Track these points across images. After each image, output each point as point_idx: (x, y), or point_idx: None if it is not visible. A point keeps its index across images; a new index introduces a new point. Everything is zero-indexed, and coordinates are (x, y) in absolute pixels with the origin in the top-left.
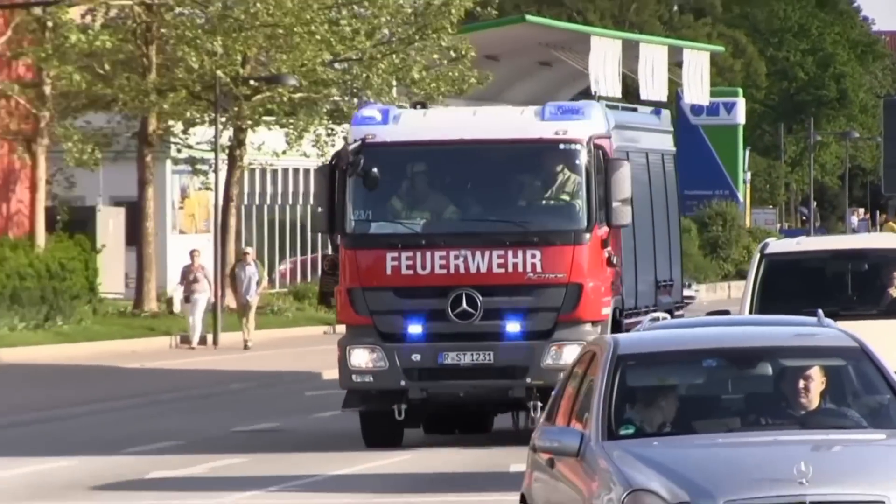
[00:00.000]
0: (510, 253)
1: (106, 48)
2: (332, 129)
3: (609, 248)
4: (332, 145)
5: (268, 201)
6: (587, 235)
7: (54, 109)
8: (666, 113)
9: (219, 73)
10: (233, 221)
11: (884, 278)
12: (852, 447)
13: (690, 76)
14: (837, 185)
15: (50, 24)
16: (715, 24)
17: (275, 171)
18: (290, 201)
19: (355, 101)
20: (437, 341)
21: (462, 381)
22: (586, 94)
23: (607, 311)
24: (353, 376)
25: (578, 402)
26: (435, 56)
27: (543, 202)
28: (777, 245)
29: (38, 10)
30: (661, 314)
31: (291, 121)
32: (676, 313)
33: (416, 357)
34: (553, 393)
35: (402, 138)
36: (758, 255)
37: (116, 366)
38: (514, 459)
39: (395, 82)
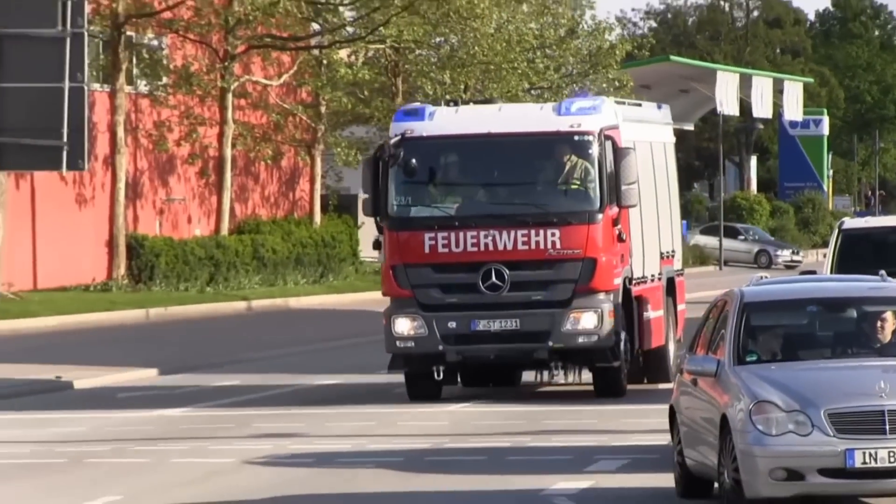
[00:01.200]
0: (533, 232)
1: (365, 79)
2: None
3: (619, 227)
4: None
5: None
6: (600, 215)
7: (327, 124)
8: (666, 108)
9: (446, 97)
10: None
11: None
12: None
13: (788, 100)
14: (895, 178)
15: (325, 62)
16: (807, 62)
17: None
18: None
19: None
20: (470, 310)
21: (492, 344)
22: (713, 113)
23: (618, 281)
24: (397, 342)
25: (713, 338)
26: (604, 85)
27: (561, 187)
28: (851, 222)
29: (316, 52)
30: (763, 274)
31: None
32: (677, 279)
33: (452, 324)
34: (695, 331)
35: (437, 132)
36: (836, 230)
37: (372, 310)
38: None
39: None
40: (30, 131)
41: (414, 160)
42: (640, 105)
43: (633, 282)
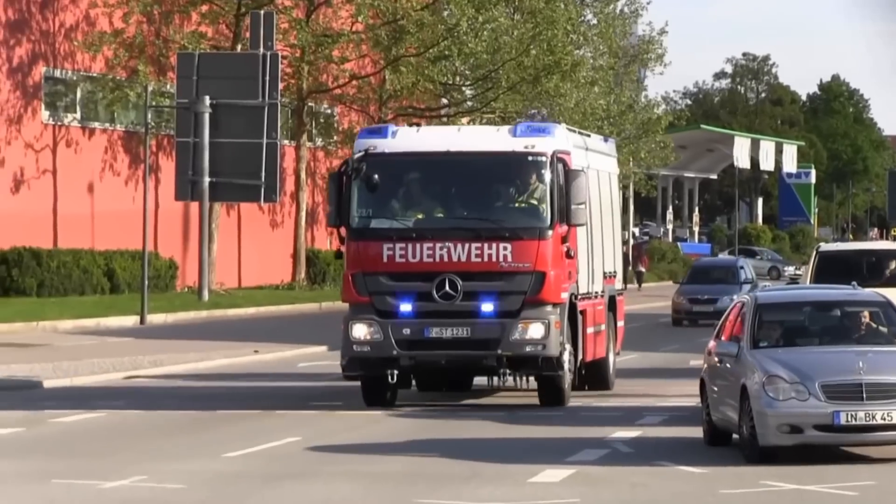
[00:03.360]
0: (486, 245)
1: None
2: None
3: (567, 244)
4: None
5: None
6: (550, 232)
7: None
8: (612, 141)
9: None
10: None
11: (883, 265)
12: (885, 354)
13: (786, 158)
14: (864, 215)
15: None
16: (800, 131)
17: None
18: None
19: None
20: (423, 318)
21: (444, 350)
22: (731, 167)
23: (565, 295)
24: (354, 346)
25: (734, 328)
26: (652, 145)
27: (514, 204)
28: (825, 246)
29: (444, 119)
30: (765, 284)
31: None
32: (618, 298)
33: (406, 331)
34: (720, 323)
35: (398, 149)
36: (815, 252)
37: None
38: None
39: (631, 159)
40: (237, 174)
41: (375, 175)
42: (589, 136)
43: (579, 297)
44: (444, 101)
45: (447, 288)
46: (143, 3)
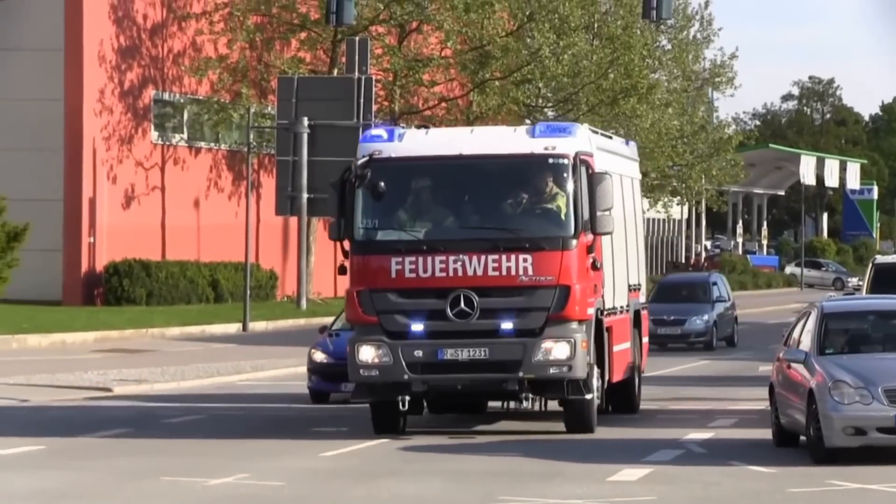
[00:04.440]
0: (504, 257)
1: None
2: (671, 201)
3: (594, 254)
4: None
5: None
6: (574, 241)
7: None
8: (633, 144)
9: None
10: None
11: None
12: None
13: (850, 175)
14: None
15: None
16: (863, 149)
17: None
18: None
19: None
20: (437, 338)
21: (460, 374)
22: (798, 184)
23: (591, 311)
24: (361, 371)
25: (801, 336)
26: (723, 163)
27: (534, 211)
28: (881, 258)
29: None
30: (831, 294)
31: (650, 195)
32: (642, 312)
33: (419, 353)
34: (786, 332)
35: (406, 154)
36: (871, 264)
37: None
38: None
39: (703, 176)
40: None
41: (381, 182)
42: (611, 137)
43: (605, 313)
44: (528, 121)
45: (462, 305)
46: (247, 30)
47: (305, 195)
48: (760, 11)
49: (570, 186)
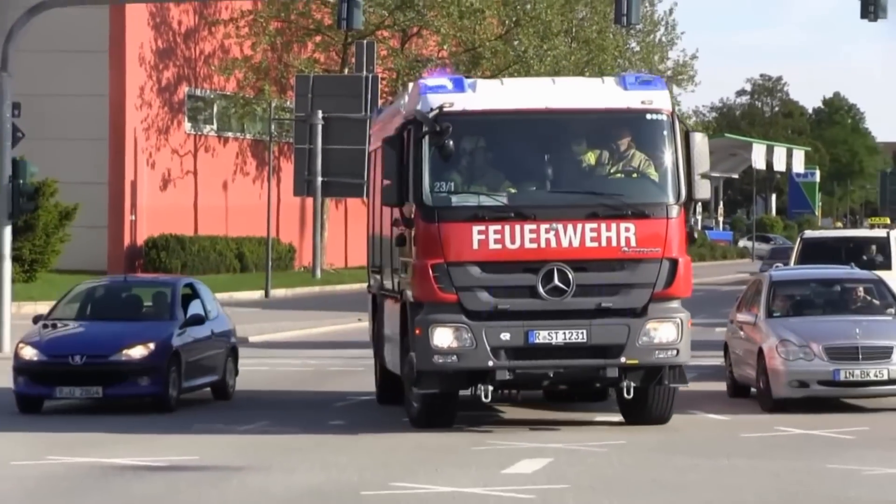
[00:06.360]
0: (603, 226)
1: None
2: None
3: (690, 223)
4: None
5: None
6: (677, 209)
7: None
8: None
9: None
10: None
11: (860, 251)
12: (878, 322)
13: (795, 161)
14: (859, 208)
15: None
16: (807, 138)
17: None
18: None
19: None
20: (527, 319)
21: (553, 360)
22: (750, 168)
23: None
24: (436, 357)
25: (751, 301)
26: None
27: (631, 174)
28: (808, 233)
29: None
30: (778, 264)
31: None
32: None
33: (505, 336)
34: (739, 297)
35: (484, 107)
36: (799, 238)
37: None
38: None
39: None
40: (344, 174)
41: (455, 139)
42: None
43: None
44: None
45: (556, 281)
46: (268, 34)
47: (320, 178)
48: (718, 18)
49: (669, 146)
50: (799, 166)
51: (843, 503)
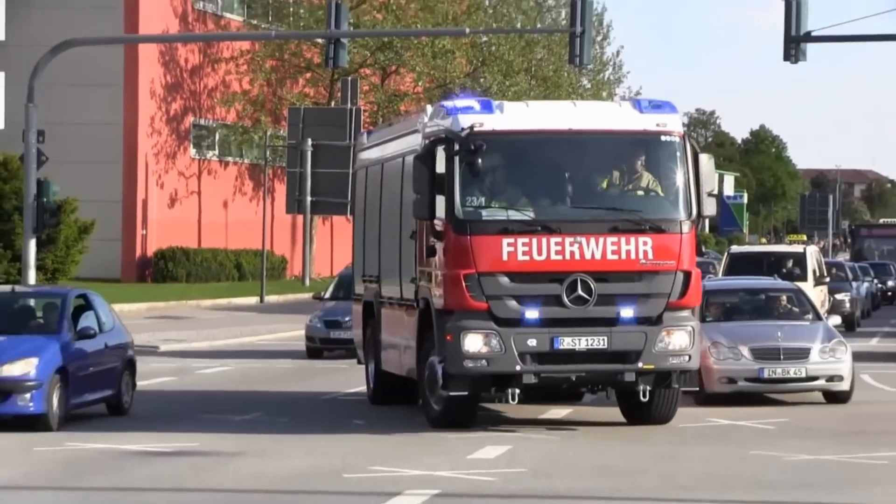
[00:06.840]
0: (623, 240)
1: None
2: None
3: (698, 239)
4: None
5: None
6: (689, 224)
7: None
8: None
9: None
10: None
11: (779, 264)
12: (797, 326)
13: (726, 184)
14: (782, 226)
15: None
16: (736, 164)
17: None
18: None
19: None
20: (552, 326)
21: (576, 365)
22: None
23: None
24: (467, 361)
25: None
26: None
27: (648, 191)
28: (735, 248)
29: None
30: (711, 275)
31: None
32: None
33: (532, 342)
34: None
35: (512, 127)
36: (727, 253)
37: None
38: None
39: None
40: (330, 194)
41: (485, 156)
42: None
43: None
44: None
45: (580, 291)
46: (265, 71)
47: (309, 198)
48: (660, 59)
49: (681, 166)
50: (729, 189)
51: (766, 486)
